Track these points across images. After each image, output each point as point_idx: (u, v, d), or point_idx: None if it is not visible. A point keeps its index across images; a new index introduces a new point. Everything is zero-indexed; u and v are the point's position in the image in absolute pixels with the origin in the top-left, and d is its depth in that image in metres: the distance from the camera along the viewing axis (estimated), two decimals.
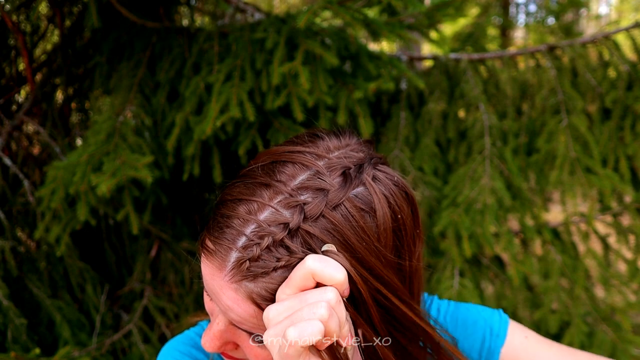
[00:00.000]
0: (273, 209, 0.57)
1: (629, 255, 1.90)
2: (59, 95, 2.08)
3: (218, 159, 1.61)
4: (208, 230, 0.61)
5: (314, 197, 0.57)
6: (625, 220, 1.91)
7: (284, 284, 0.54)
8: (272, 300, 0.56)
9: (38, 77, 2.05)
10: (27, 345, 1.57)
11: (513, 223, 1.86)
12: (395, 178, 0.64)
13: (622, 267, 1.96)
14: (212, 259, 0.58)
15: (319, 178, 0.59)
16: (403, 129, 1.84)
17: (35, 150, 2.09)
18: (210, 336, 0.64)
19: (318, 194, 0.58)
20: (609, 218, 1.93)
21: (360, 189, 0.60)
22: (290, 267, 0.55)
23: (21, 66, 2.09)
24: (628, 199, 1.85)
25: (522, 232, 1.83)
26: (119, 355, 1.74)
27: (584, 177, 1.72)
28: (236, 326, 0.61)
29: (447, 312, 0.81)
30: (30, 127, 2.04)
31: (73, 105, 2.12)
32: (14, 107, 2.09)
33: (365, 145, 0.67)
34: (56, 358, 1.46)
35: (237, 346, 0.66)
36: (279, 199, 0.57)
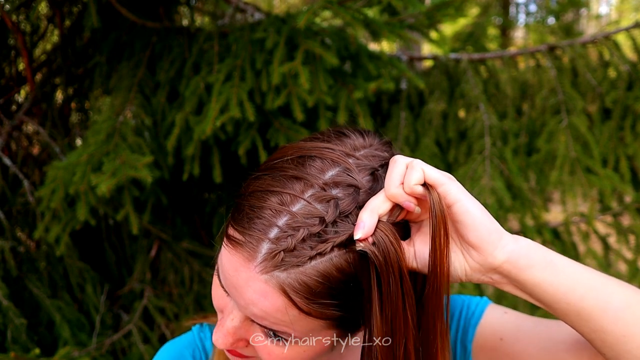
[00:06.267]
0: (306, 202, 0.57)
1: (629, 255, 1.90)
2: (59, 95, 2.07)
3: (218, 159, 1.61)
4: (234, 220, 0.59)
5: (346, 194, 0.58)
6: (626, 221, 1.91)
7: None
8: (302, 291, 0.56)
9: (38, 77, 2.05)
10: (27, 345, 1.57)
11: (513, 223, 1.86)
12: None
13: (622, 267, 1.96)
14: (240, 250, 0.57)
15: (348, 175, 0.59)
16: (403, 129, 1.84)
17: (35, 150, 2.08)
18: (223, 332, 0.62)
19: (349, 190, 0.58)
20: (609, 218, 1.93)
21: None
22: (323, 256, 0.56)
23: (21, 66, 2.09)
24: (628, 199, 1.85)
25: (523, 232, 1.82)
26: (118, 356, 1.74)
27: (584, 177, 1.72)
28: (255, 322, 0.60)
29: None
30: (30, 127, 2.04)
31: (73, 105, 2.12)
32: (14, 107, 2.09)
33: (387, 145, 0.68)
34: (56, 358, 1.46)
35: (247, 343, 0.65)
36: (310, 192, 0.57)
